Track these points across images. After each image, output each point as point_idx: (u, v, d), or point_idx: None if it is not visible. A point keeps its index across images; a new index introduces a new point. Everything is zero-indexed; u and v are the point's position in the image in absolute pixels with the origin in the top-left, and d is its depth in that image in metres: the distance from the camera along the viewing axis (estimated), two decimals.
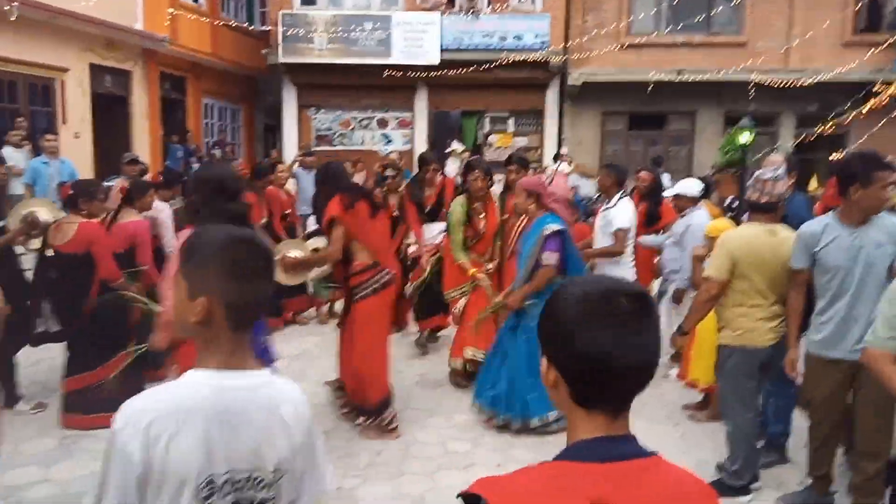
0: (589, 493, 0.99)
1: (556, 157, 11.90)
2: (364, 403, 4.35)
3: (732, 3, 13.32)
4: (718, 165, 7.05)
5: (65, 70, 11.00)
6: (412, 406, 4.93)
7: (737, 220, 4.68)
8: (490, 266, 5.28)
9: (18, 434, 4.22)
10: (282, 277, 4.37)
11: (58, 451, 4.10)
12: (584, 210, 10.80)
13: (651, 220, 6.14)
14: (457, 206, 5.31)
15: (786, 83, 13.12)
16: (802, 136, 12.71)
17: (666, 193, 5.82)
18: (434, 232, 6.07)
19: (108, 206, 4.84)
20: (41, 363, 5.32)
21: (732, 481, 3.69)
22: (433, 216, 6.14)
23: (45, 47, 10.45)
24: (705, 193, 5.38)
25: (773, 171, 3.60)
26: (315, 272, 4.95)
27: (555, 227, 4.30)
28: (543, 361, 1.11)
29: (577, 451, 1.06)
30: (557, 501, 0.99)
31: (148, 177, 8.82)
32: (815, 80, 12.79)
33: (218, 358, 1.35)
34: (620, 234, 5.20)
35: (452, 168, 13.02)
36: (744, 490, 3.70)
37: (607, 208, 5.40)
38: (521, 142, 15.18)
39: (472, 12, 13.73)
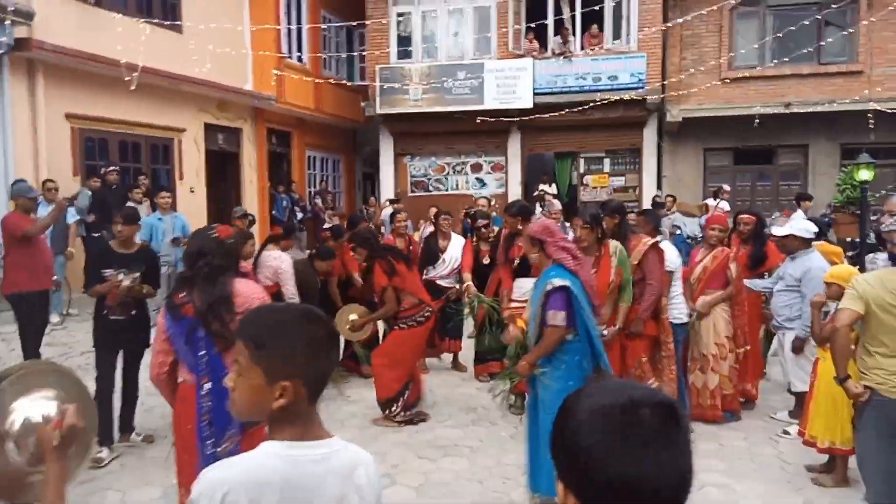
0: None
1: (717, 194, 11.28)
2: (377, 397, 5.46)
3: (845, 32, 12.54)
4: (836, 204, 6.53)
5: (182, 130, 11.88)
6: (505, 462, 4.75)
7: (857, 263, 4.28)
8: (605, 332, 4.53)
9: (125, 481, 4.41)
10: (349, 336, 5.80)
11: (161, 501, 4.23)
12: (687, 251, 10.33)
13: (756, 262, 5.77)
14: None
15: None
16: None
17: (776, 231, 5.42)
18: (525, 289, 5.52)
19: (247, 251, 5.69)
20: (154, 409, 5.57)
21: None
22: (525, 271, 5.62)
23: (165, 110, 11.36)
24: (818, 235, 4.99)
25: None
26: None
27: (558, 281, 3.77)
28: (559, 487, 0.95)
29: None
30: None
31: (256, 227, 9.30)
32: None
33: (293, 430, 1.36)
34: (666, 277, 5.18)
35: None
36: None
37: None
38: (619, 181, 14.84)
39: (565, 56, 13.71)
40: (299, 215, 14.06)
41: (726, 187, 12.19)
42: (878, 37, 12.80)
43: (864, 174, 6.65)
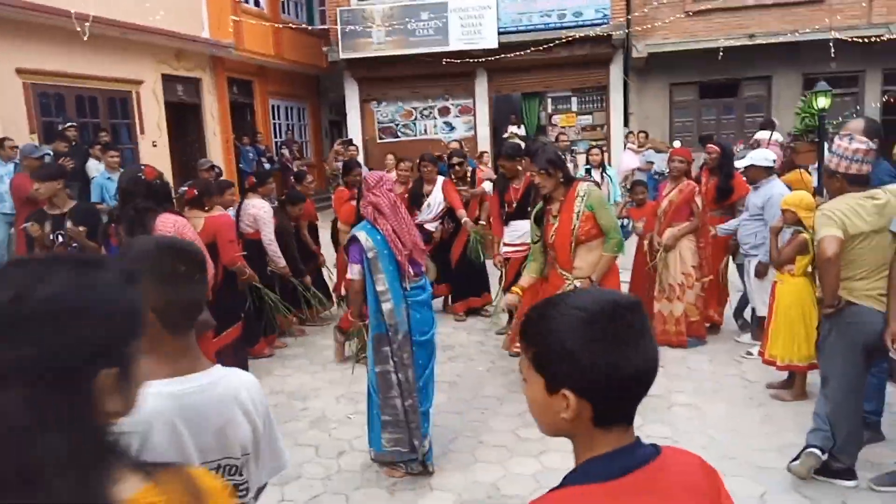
0: None
1: (766, 126, 9.30)
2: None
3: None
4: (795, 133, 6.68)
5: (139, 82, 11.53)
6: (483, 394, 4.94)
7: (818, 191, 4.42)
8: (576, 284, 4.12)
9: None
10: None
11: None
12: (657, 186, 10.50)
13: (722, 195, 5.88)
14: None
15: (869, 39, 12.27)
16: (886, 98, 11.87)
17: (738, 163, 5.53)
18: (520, 232, 5.66)
19: (226, 200, 5.65)
20: None
21: (838, 464, 3.49)
22: (521, 214, 5.64)
23: (120, 62, 10.98)
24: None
25: (864, 141, 3.36)
26: None
27: (354, 233, 3.63)
28: (560, 397, 1.05)
29: (595, 469, 1.05)
30: None
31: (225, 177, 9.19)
32: None
33: (165, 368, 1.37)
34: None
35: None
36: (849, 473, 3.49)
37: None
38: (586, 120, 14.87)
39: None
40: (266, 166, 13.89)
41: (775, 121, 11.19)
42: None
43: (822, 102, 6.79)
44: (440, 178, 6.84)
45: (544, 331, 1.06)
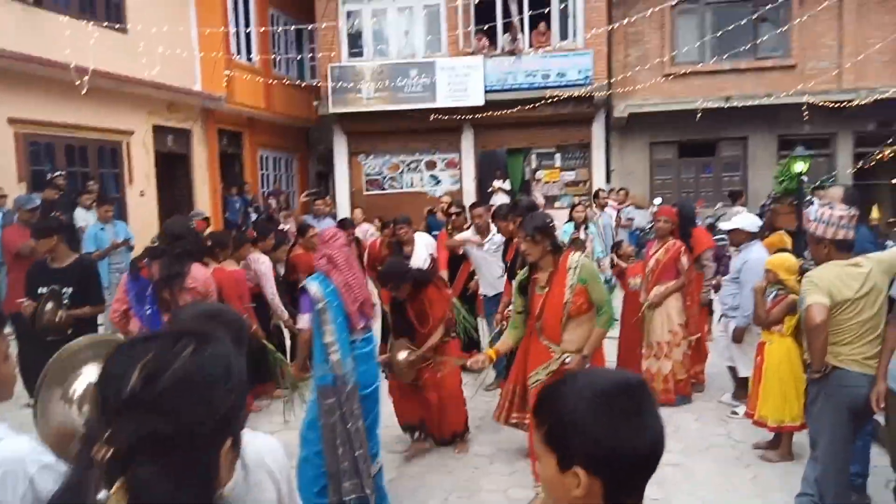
0: None
1: (821, 186, 7.71)
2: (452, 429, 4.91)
3: (778, 26, 13.15)
4: (775, 195, 6.91)
5: (130, 133, 11.65)
6: (473, 452, 4.93)
7: (797, 253, 4.57)
8: (568, 359, 3.96)
9: None
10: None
11: None
12: (638, 242, 10.71)
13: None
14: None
15: (840, 104, 12.82)
16: (861, 164, 12.33)
17: (724, 226, 5.69)
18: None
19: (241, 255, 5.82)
20: None
21: None
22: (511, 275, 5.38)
23: (112, 112, 11.11)
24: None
25: (846, 207, 3.51)
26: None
27: (306, 283, 3.77)
28: (572, 475, 1.08)
29: None
30: None
31: (210, 230, 9.22)
32: (872, 99, 12.47)
33: None
34: None
35: None
36: None
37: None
38: (569, 176, 15.19)
39: (515, 54, 13.96)
40: (253, 216, 13.94)
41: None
42: (810, 32, 13.47)
43: (800, 166, 7.06)
44: (422, 237, 6.86)
45: (557, 407, 1.10)
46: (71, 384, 1.57)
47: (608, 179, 14.63)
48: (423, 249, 6.70)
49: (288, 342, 6.72)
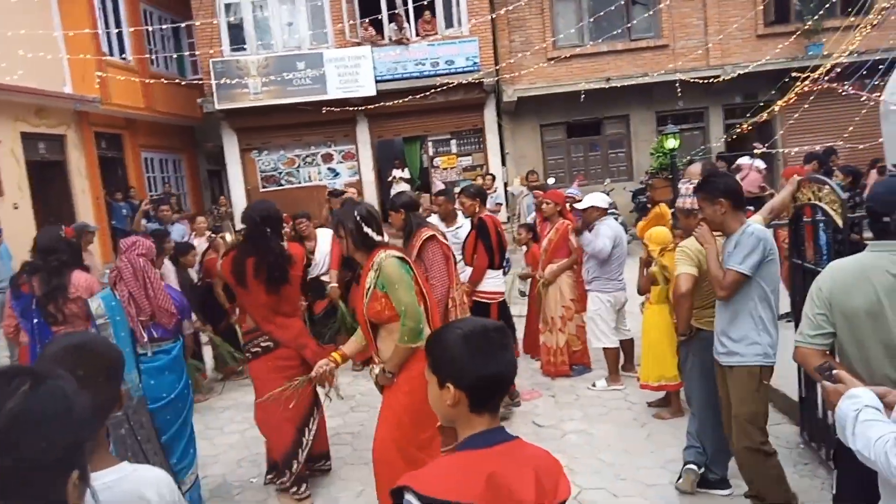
0: (486, 469, 1.40)
1: (752, 155, 9.26)
2: (270, 460, 4.35)
3: (650, 13, 13.89)
4: (651, 171, 7.36)
5: None
6: None
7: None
8: (375, 371, 3.38)
9: None
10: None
11: None
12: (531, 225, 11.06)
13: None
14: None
15: (709, 79, 13.74)
16: (726, 136, 13.28)
17: (578, 206, 5.97)
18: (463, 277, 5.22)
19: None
20: None
21: (713, 475, 3.84)
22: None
23: None
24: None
25: (686, 186, 3.84)
26: None
27: (90, 301, 3.91)
28: (446, 390, 1.48)
29: (473, 442, 1.47)
30: (466, 478, 1.40)
31: (96, 240, 8.75)
32: (736, 74, 13.45)
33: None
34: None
35: None
36: (723, 483, 3.84)
37: (456, 229, 5.83)
38: (466, 161, 15.45)
39: (402, 43, 13.99)
40: (144, 222, 13.28)
41: (758, 145, 10.97)
42: (678, 13, 14.31)
43: (672, 142, 7.55)
44: (321, 231, 6.81)
45: (438, 343, 1.53)
46: None
47: (503, 163, 15.00)
48: (325, 245, 6.68)
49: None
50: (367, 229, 3.29)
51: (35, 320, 4.18)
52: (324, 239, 6.77)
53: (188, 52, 14.73)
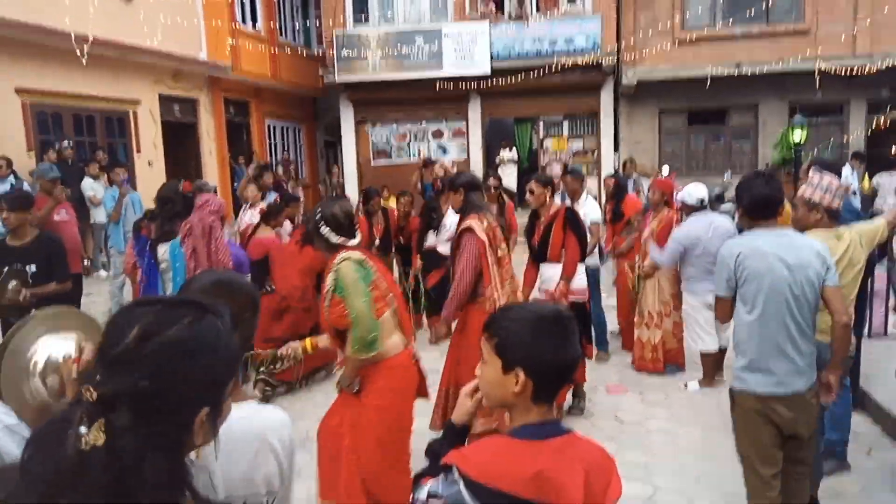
0: (536, 463, 1.35)
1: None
2: None
3: None
4: (773, 165, 6.86)
5: (137, 102, 11.71)
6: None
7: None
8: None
9: None
10: None
11: None
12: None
13: (617, 217, 6.47)
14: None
15: (853, 70, 12.56)
16: (872, 125, 12.13)
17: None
18: (550, 274, 4.94)
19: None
20: None
21: None
22: (544, 255, 5.00)
23: (118, 82, 11.17)
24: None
25: (832, 177, 3.49)
26: None
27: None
28: (513, 375, 1.42)
29: (528, 431, 1.42)
30: (515, 468, 1.35)
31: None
32: (886, 65, 12.20)
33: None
34: (595, 228, 5.78)
35: (510, 180, 13.02)
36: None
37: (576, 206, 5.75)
38: (577, 145, 15.10)
39: (521, 19, 13.77)
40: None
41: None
42: None
43: (798, 135, 6.97)
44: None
45: (507, 325, 1.46)
46: (31, 357, 1.61)
47: (616, 148, 14.52)
48: (452, 216, 6.11)
49: None
50: (324, 230, 3.09)
51: (148, 260, 4.75)
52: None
53: (316, 21, 15.24)
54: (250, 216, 6.92)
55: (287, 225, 6.59)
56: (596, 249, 6.12)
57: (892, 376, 4.19)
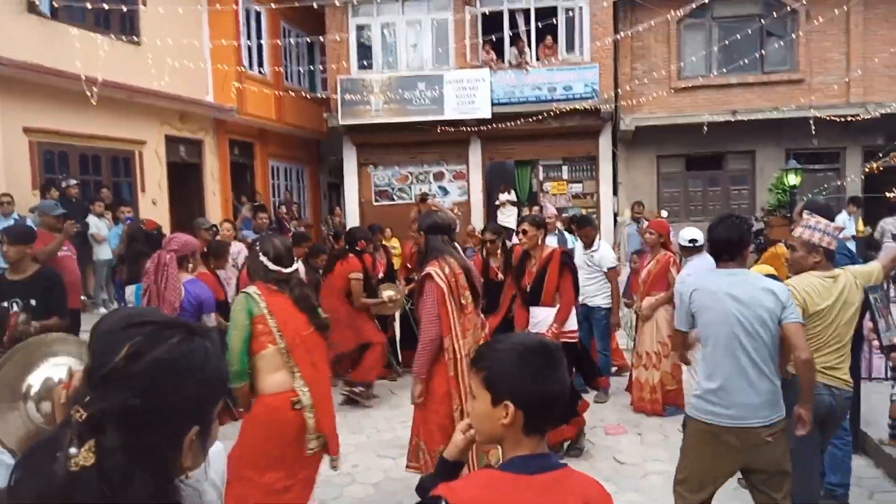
0: (520, 500, 1.33)
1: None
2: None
3: (784, 40, 13.18)
4: (769, 209, 6.94)
5: (143, 142, 11.90)
6: None
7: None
8: None
9: None
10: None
11: None
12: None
13: None
14: None
15: (848, 118, 12.79)
16: (869, 169, 12.30)
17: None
18: (542, 317, 4.91)
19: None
20: None
21: None
22: (535, 298, 4.95)
23: (125, 122, 11.37)
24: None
25: (816, 219, 3.54)
26: None
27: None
28: (502, 407, 1.39)
29: (517, 464, 1.39)
30: (501, 501, 1.33)
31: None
32: (880, 114, 12.43)
33: None
34: (611, 274, 5.95)
35: (509, 221, 13.12)
36: None
37: (592, 252, 6.04)
38: (577, 188, 15.25)
39: (521, 67, 14.09)
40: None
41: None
42: (817, 47, 13.47)
43: (793, 179, 7.08)
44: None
45: (495, 357, 1.44)
46: (26, 382, 1.63)
47: (615, 192, 14.67)
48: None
49: None
50: (262, 258, 3.38)
51: (119, 302, 4.61)
52: None
53: (320, 67, 15.58)
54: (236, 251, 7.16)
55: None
56: (604, 290, 6.16)
57: None
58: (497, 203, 14.71)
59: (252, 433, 3.29)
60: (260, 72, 14.95)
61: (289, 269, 3.36)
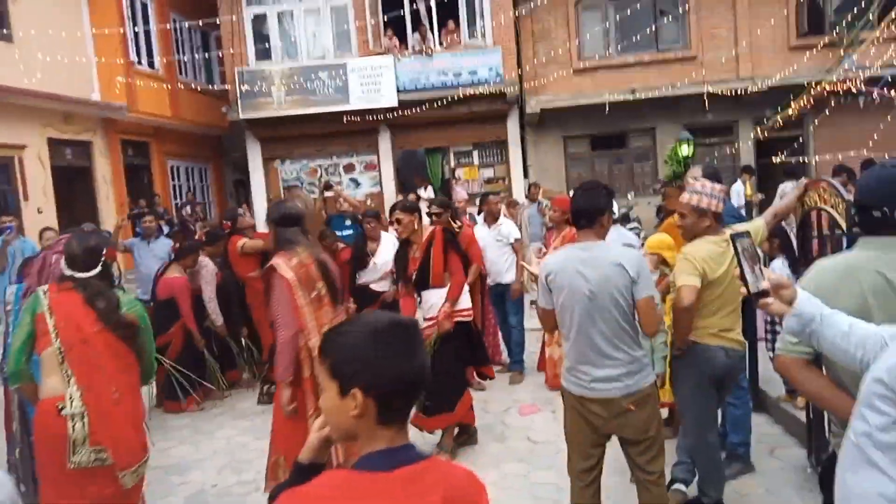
0: (377, 502, 1.19)
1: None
2: None
3: (676, 18, 13.63)
4: (665, 180, 7.13)
5: (22, 147, 11.02)
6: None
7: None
8: None
9: None
10: None
11: None
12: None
13: None
14: None
15: (738, 91, 13.37)
16: (756, 134, 12.99)
17: None
18: (434, 301, 4.69)
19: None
20: None
21: (706, 498, 3.60)
22: (424, 282, 4.70)
23: (2, 126, 10.49)
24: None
25: (702, 183, 3.59)
26: None
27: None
28: (351, 398, 1.24)
29: (371, 461, 1.24)
30: None
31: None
32: (767, 86, 13.06)
33: None
34: (517, 245, 6.15)
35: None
36: None
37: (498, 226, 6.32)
38: (488, 173, 15.30)
39: (425, 53, 13.96)
40: (165, 229, 13.42)
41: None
42: (706, 24, 14.01)
43: (686, 150, 7.29)
44: (389, 237, 6.04)
45: (340, 342, 1.28)
46: None
47: (526, 175, 14.81)
48: (388, 250, 5.91)
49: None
50: (62, 262, 3.21)
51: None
52: (387, 243, 6.06)
53: (217, 57, 14.92)
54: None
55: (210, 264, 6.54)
56: (513, 266, 6.31)
57: None
58: (417, 200, 14.52)
59: (36, 438, 3.02)
60: (150, 64, 14.16)
61: (82, 274, 3.01)
